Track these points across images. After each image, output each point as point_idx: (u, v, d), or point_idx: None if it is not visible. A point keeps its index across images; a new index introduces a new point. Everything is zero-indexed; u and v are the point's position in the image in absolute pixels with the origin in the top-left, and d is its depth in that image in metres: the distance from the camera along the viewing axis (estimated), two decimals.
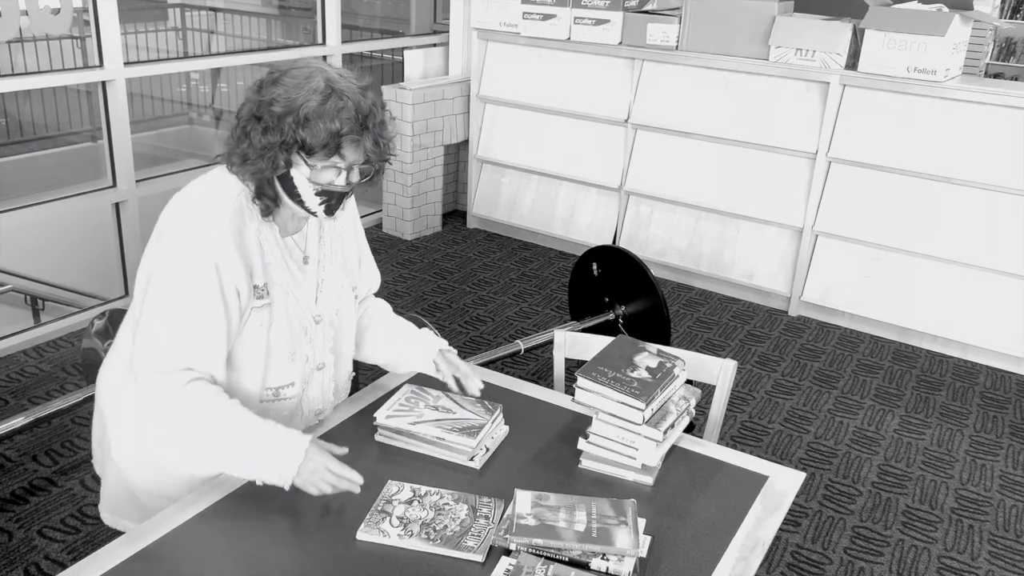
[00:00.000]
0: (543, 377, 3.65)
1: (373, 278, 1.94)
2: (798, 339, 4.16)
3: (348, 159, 1.54)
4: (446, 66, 5.36)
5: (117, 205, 4.01)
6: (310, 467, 1.52)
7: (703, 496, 1.66)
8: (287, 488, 1.53)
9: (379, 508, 1.55)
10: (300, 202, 1.58)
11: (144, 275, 1.59)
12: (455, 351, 1.88)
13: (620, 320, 3.65)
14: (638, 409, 1.61)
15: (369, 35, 6.70)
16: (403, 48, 5.35)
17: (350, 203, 1.75)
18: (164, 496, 1.66)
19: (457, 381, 1.83)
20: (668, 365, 1.73)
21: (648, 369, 1.70)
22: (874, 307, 4.19)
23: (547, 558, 1.42)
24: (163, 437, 1.61)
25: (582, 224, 4.99)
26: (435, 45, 5.43)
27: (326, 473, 1.52)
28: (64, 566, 2.51)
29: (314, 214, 1.60)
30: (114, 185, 3.97)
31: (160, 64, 4.93)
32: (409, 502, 1.56)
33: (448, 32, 5.36)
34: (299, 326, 1.68)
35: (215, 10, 8.22)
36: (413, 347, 1.87)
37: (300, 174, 1.54)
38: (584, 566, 1.41)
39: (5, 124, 6.84)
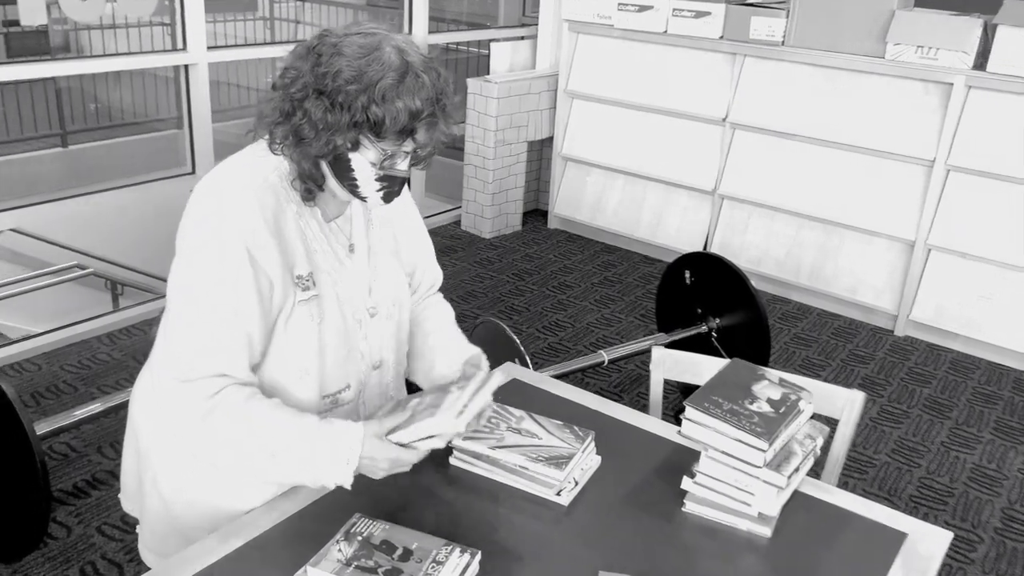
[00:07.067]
0: (626, 391, 3.42)
1: (435, 273, 1.75)
2: (905, 362, 3.82)
3: (419, 142, 1.36)
4: (533, 59, 5.16)
5: None
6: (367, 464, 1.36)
7: (830, 554, 1.41)
8: (349, 487, 1.35)
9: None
10: (353, 187, 1.40)
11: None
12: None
13: (714, 334, 3.39)
14: (760, 450, 1.38)
15: (456, 27, 6.56)
16: (490, 40, 5.18)
17: (405, 188, 1.55)
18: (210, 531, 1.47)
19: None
20: (793, 397, 1.48)
21: (770, 401, 1.46)
22: (993, 330, 3.82)
23: None
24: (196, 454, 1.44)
25: (671, 228, 4.72)
26: (523, 38, 5.24)
27: (384, 464, 1.36)
28: (120, 568, 2.40)
29: (364, 199, 1.41)
30: (193, 172, 3.90)
31: (242, 49, 4.87)
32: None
33: (536, 25, 5.17)
34: (353, 320, 1.49)
35: (303, 0, 8.23)
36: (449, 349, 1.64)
37: (363, 157, 1.35)
38: None
39: (96, 109, 6.94)
